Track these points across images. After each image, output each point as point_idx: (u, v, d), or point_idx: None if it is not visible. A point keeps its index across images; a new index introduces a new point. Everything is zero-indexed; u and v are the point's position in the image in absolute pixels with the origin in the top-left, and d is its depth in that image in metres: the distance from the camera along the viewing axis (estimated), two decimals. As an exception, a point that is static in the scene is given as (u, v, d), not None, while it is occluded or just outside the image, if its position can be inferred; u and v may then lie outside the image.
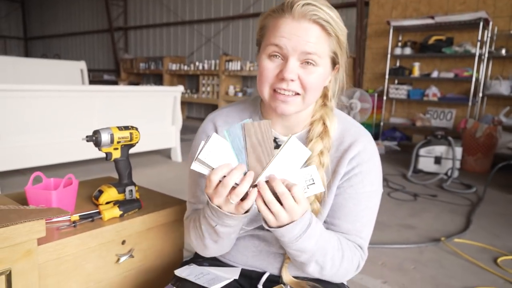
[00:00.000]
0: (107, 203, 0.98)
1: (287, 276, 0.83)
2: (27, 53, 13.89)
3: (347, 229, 0.82)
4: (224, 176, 0.64)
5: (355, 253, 0.81)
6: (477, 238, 2.36)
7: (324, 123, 0.83)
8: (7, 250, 0.69)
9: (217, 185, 0.66)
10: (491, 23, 4.75)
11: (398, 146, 5.35)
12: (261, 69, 0.77)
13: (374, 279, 1.83)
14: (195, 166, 0.65)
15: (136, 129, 1.03)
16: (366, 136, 0.84)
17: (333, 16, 0.74)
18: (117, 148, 1.00)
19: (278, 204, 0.65)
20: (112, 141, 0.98)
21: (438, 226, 2.57)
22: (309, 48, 0.73)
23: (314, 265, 0.76)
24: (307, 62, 0.74)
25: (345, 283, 0.91)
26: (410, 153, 4.21)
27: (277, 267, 0.86)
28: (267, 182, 0.65)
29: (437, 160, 4.08)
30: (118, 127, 1.00)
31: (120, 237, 0.92)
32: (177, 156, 4.21)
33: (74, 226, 0.86)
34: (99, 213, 0.93)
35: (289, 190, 0.64)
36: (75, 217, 0.89)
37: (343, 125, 0.85)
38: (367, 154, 0.82)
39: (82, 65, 5.56)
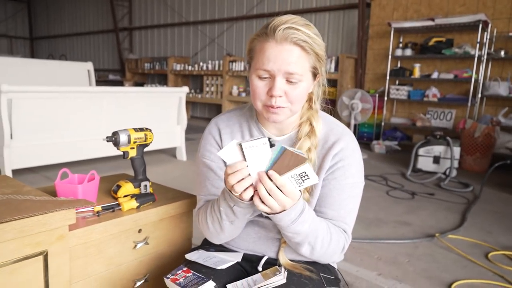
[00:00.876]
0: (125, 196, 1.10)
1: (283, 258, 0.95)
2: (33, 53, 14.07)
3: (332, 215, 0.94)
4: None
5: (341, 236, 0.93)
6: (470, 235, 2.47)
7: (311, 124, 0.95)
8: (45, 234, 0.81)
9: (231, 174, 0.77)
10: (490, 25, 4.84)
11: (399, 146, 5.45)
12: (253, 87, 0.90)
13: (369, 271, 1.95)
14: (229, 148, 0.76)
15: (150, 130, 1.15)
16: (348, 135, 0.97)
17: (310, 35, 0.85)
18: (133, 148, 1.12)
19: (270, 198, 0.76)
20: (129, 141, 1.10)
21: (434, 223, 2.67)
22: (291, 68, 0.84)
23: (306, 246, 0.88)
24: (291, 79, 0.86)
25: (335, 266, 1.03)
26: (410, 153, 4.31)
27: (275, 251, 0.98)
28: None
29: (436, 160, 4.18)
30: (134, 129, 1.12)
31: (137, 226, 1.05)
32: (182, 155, 4.33)
33: (98, 216, 0.99)
34: (118, 204, 1.05)
35: (282, 186, 0.75)
36: (98, 208, 1.01)
37: (328, 126, 0.98)
38: (348, 150, 0.94)
39: (89, 66, 5.69)
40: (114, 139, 1.08)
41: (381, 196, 3.28)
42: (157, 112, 3.99)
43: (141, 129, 1.13)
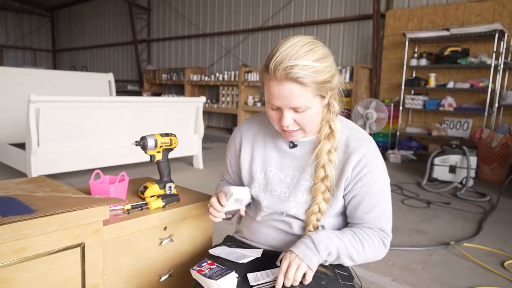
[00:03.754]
0: (151, 196, 1.18)
1: None
2: (55, 65, 14.57)
3: (368, 218, 1.02)
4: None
5: (375, 235, 1.02)
6: (486, 243, 2.46)
7: (330, 126, 1.02)
8: (82, 227, 0.89)
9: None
10: (506, 34, 4.82)
11: (414, 155, 5.43)
12: (268, 115, 0.99)
13: (383, 276, 1.97)
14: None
15: (175, 135, 1.24)
16: (368, 140, 1.03)
17: (310, 66, 0.88)
18: (159, 152, 1.20)
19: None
20: (156, 146, 1.18)
21: (449, 232, 2.68)
22: (294, 104, 0.91)
23: (344, 258, 0.98)
24: (298, 110, 0.93)
25: (351, 269, 1.09)
26: (426, 162, 4.30)
27: None
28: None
29: (452, 169, 4.16)
30: (160, 134, 1.20)
31: (163, 224, 1.13)
32: (198, 163, 4.42)
33: (128, 213, 1.07)
34: (146, 204, 1.13)
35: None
36: (128, 206, 1.10)
37: (348, 131, 1.04)
38: (370, 155, 1.00)
39: (110, 77, 5.88)
40: (142, 143, 1.17)
41: (396, 205, 3.29)
42: (175, 121, 4.11)
43: (167, 134, 1.22)
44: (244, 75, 7.55)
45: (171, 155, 1.26)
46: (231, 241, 1.12)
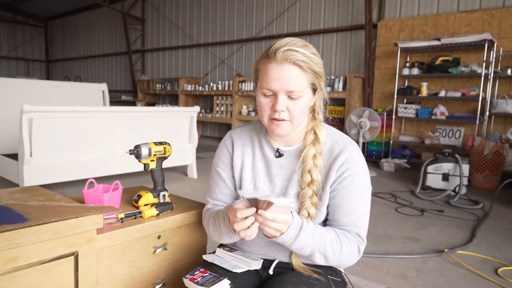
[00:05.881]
0: (145, 205, 1.18)
1: (296, 261, 1.02)
2: (49, 75, 14.54)
3: (345, 222, 1.02)
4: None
5: (354, 240, 1.01)
6: (480, 251, 2.48)
7: (315, 133, 1.04)
8: (76, 236, 0.89)
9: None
10: (496, 44, 4.91)
11: (408, 164, 5.47)
12: (259, 103, 1.01)
13: (378, 284, 1.98)
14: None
15: (169, 144, 1.24)
16: (351, 146, 1.05)
17: (308, 55, 0.95)
18: (153, 160, 1.21)
19: (266, 227, 0.89)
20: (149, 154, 1.19)
21: (443, 239, 2.69)
22: (291, 87, 0.95)
23: (318, 255, 0.97)
24: (292, 96, 0.96)
25: (342, 270, 1.09)
26: (419, 171, 4.33)
27: (286, 255, 1.05)
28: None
29: (445, 177, 4.19)
30: (154, 143, 1.21)
31: (157, 232, 1.12)
32: (193, 172, 4.41)
33: (122, 222, 1.07)
34: (140, 212, 1.13)
35: (273, 218, 0.88)
36: (121, 215, 1.10)
37: (332, 137, 1.06)
38: (353, 159, 1.02)
39: (103, 87, 5.88)
40: (136, 152, 1.17)
41: (390, 213, 3.30)
42: (169, 131, 4.11)
43: (161, 143, 1.22)
44: (238, 85, 7.59)
45: (164, 164, 1.26)
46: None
